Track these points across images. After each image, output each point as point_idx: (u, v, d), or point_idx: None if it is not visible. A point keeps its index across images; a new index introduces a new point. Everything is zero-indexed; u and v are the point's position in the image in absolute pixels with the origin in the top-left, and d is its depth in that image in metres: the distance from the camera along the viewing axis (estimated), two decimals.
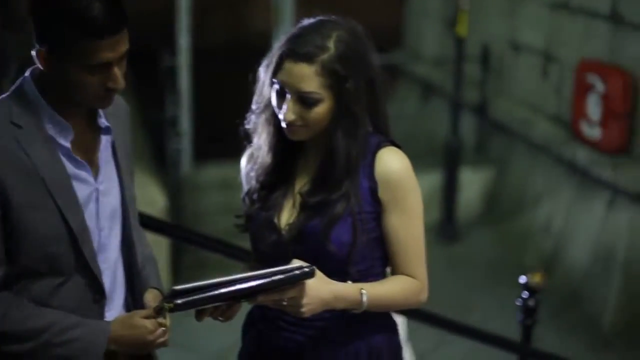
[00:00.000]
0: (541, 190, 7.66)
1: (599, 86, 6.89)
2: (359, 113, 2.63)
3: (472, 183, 8.16)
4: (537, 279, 3.81)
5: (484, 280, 6.86)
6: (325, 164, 2.65)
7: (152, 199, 6.45)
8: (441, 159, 7.90)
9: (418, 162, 8.51)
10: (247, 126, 2.79)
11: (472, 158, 8.36)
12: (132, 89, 7.83)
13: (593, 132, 6.99)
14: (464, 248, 7.70)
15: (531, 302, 3.81)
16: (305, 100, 2.58)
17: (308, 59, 2.56)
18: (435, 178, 7.93)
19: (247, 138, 2.80)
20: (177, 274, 6.70)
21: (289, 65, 2.58)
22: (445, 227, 7.82)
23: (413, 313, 3.84)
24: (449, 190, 7.82)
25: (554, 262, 7.17)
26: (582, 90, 7.08)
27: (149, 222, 3.33)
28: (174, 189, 7.34)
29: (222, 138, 4.12)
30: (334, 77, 2.57)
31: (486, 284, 6.66)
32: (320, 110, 2.59)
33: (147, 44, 6.26)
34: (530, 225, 7.59)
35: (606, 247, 6.70)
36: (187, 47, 7.75)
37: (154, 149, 8.04)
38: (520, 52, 8.24)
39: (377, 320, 2.75)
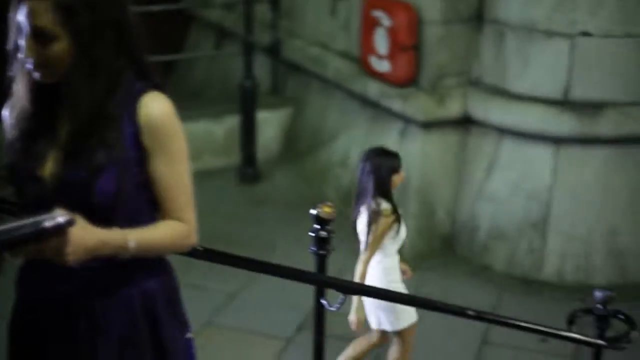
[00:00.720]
0: (337, 126, 7.84)
1: (386, 21, 7.05)
2: (100, 55, 2.56)
3: (270, 124, 8.26)
4: (327, 210, 3.88)
5: (287, 217, 6.98)
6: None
7: None
8: (238, 102, 7.92)
9: (215, 106, 8.52)
10: (9, 73, 2.69)
11: (268, 99, 8.44)
12: None
13: (382, 65, 7.17)
14: (266, 188, 7.81)
15: (323, 233, 3.88)
16: (39, 37, 2.50)
17: None
18: (233, 121, 7.98)
19: (10, 86, 2.71)
20: None
21: (25, 1, 2.50)
22: (246, 169, 7.89)
23: (219, 256, 3.86)
24: (247, 133, 7.87)
25: (353, 193, 7.35)
26: (370, 26, 7.24)
27: None
28: None
29: None
30: (67, 13, 2.49)
31: (290, 221, 6.78)
32: (57, 48, 2.51)
33: None
34: (329, 160, 7.77)
35: None
36: None
37: None
38: None
39: (149, 264, 2.75)
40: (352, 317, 4.68)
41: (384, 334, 4.94)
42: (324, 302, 3.98)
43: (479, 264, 6.60)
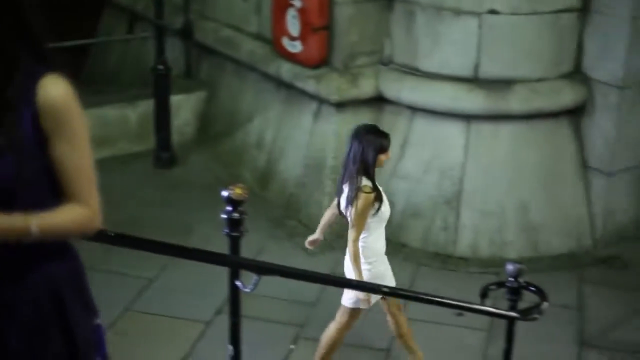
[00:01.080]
0: (251, 108, 7.84)
1: (296, 2, 7.06)
2: None
3: (184, 107, 8.22)
4: (238, 191, 3.87)
5: (204, 200, 6.97)
6: None
7: None
8: (151, 87, 7.86)
9: (129, 91, 8.40)
10: None
11: (182, 83, 8.39)
12: None
13: (294, 47, 7.19)
14: (182, 172, 7.78)
15: (235, 215, 3.88)
16: None
17: None
18: (147, 106, 7.92)
19: None
20: None
21: None
22: (161, 154, 7.84)
23: (136, 242, 3.86)
24: (162, 117, 7.82)
25: (270, 175, 7.40)
26: (281, 7, 7.24)
27: None
28: None
29: None
30: None
31: (205, 205, 6.77)
32: None
33: None
34: (244, 142, 7.77)
35: (316, 155, 6.99)
36: None
37: None
38: None
39: (53, 249, 2.73)
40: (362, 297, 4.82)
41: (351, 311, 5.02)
42: (238, 283, 3.99)
43: (395, 242, 6.65)
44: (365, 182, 4.71)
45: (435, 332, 5.63)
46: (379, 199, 4.74)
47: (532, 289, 4.41)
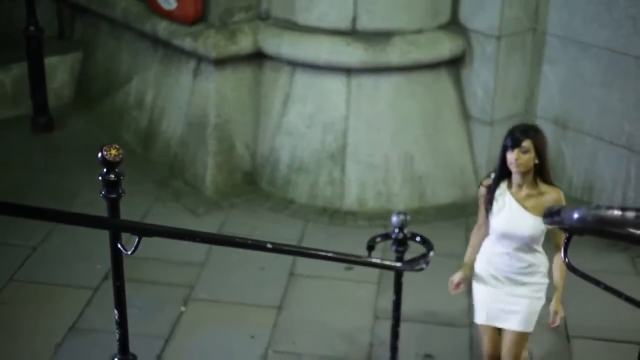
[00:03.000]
0: (129, 68, 7.71)
1: None
2: None
3: (60, 69, 8.04)
4: (113, 152, 3.78)
5: (84, 164, 6.82)
6: None
7: None
8: (24, 49, 7.64)
9: (1, 54, 8.11)
10: None
11: (56, 44, 8.19)
12: None
13: (169, 4, 7.07)
14: (60, 136, 7.62)
15: (112, 176, 3.80)
16: None
17: None
18: (20, 69, 7.71)
19: None
20: None
21: None
22: (38, 118, 7.65)
23: (16, 209, 3.77)
24: (36, 80, 7.61)
25: (152, 135, 7.30)
26: None
27: None
28: None
29: None
30: None
31: (86, 168, 6.61)
32: None
33: None
34: (124, 103, 7.64)
35: (197, 113, 6.92)
36: None
37: None
38: None
39: None
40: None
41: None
42: (119, 246, 3.93)
43: (282, 198, 6.70)
44: (488, 179, 4.54)
45: (325, 286, 5.68)
46: (490, 200, 4.49)
47: (418, 239, 4.49)
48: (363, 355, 5.09)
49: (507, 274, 4.47)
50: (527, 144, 4.27)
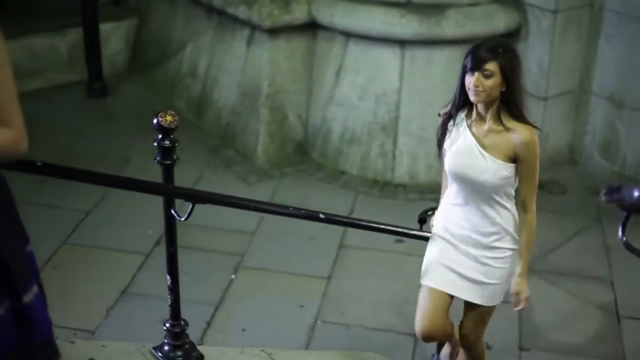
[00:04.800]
0: (183, 36, 7.73)
1: None
2: None
3: (115, 36, 8.08)
4: (169, 118, 3.79)
5: (137, 131, 6.89)
6: None
7: None
8: (79, 15, 7.70)
9: (56, 20, 8.20)
10: None
11: (111, 11, 8.23)
12: None
13: None
14: (114, 102, 7.67)
15: (166, 142, 3.81)
16: None
17: None
18: (76, 36, 7.76)
19: None
20: None
21: None
22: (93, 84, 7.71)
23: (71, 173, 3.81)
24: (92, 47, 7.67)
25: (205, 103, 7.33)
26: None
27: None
28: None
29: None
30: None
31: (139, 135, 6.70)
32: None
33: None
34: (177, 70, 7.67)
35: (250, 82, 6.94)
36: None
37: None
38: None
39: None
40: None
41: None
42: (173, 212, 3.95)
43: (333, 169, 6.70)
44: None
45: (375, 259, 5.69)
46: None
47: None
48: (411, 328, 5.08)
49: (463, 232, 3.73)
50: (491, 66, 3.49)
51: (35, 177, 3.22)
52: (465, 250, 3.76)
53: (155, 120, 3.74)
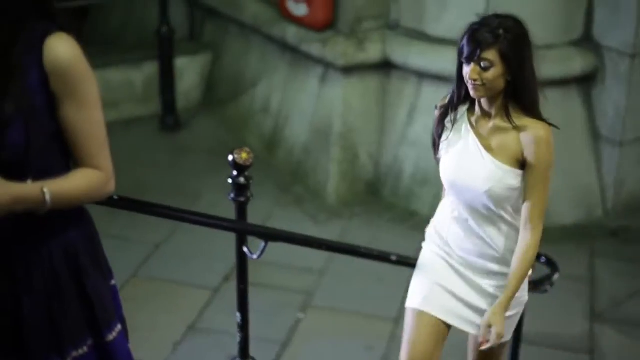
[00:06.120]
0: (256, 71, 7.77)
1: None
2: None
3: (189, 70, 8.15)
4: (244, 155, 3.80)
5: (208, 166, 6.94)
6: None
7: None
8: (155, 50, 7.80)
9: (132, 54, 8.39)
10: None
11: (186, 46, 8.32)
12: None
13: (299, 9, 7.11)
14: (186, 136, 7.72)
15: (241, 180, 3.82)
16: None
17: None
18: (151, 69, 7.85)
19: None
20: None
21: None
22: (166, 118, 7.78)
23: (144, 206, 3.84)
24: (167, 80, 7.76)
25: (276, 140, 7.35)
26: None
27: None
28: None
29: None
30: None
31: (211, 170, 6.74)
32: None
33: None
34: (250, 106, 7.71)
35: (323, 120, 6.94)
36: None
37: None
38: None
39: (69, 214, 2.66)
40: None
41: None
42: (245, 250, 3.95)
43: (404, 210, 6.65)
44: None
45: None
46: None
47: (542, 259, 4.38)
48: None
49: (466, 255, 3.16)
50: (490, 55, 2.97)
51: (106, 209, 3.25)
52: (468, 275, 3.20)
53: (230, 157, 3.76)
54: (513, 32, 3.01)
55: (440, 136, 3.17)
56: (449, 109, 3.17)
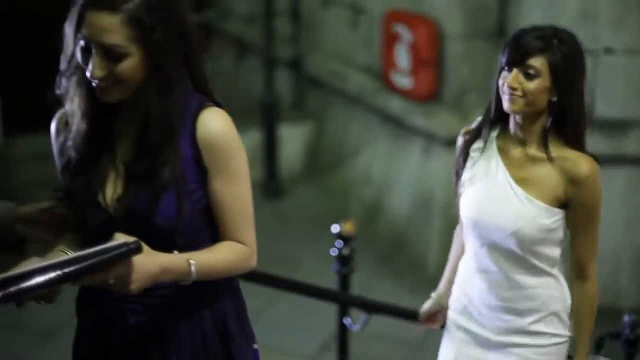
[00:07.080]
0: (359, 141, 7.82)
1: (407, 36, 7.04)
2: (171, 68, 2.45)
3: (292, 139, 8.24)
4: (348, 227, 3.83)
5: (309, 234, 6.97)
6: (144, 127, 2.46)
7: None
8: (259, 117, 7.91)
9: (236, 121, 8.55)
10: (57, 91, 2.54)
11: (290, 114, 8.42)
12: None
13: (403, 81, 7.16)
14: (288, 204, 7.79)
15: (346, 251, 3.84)
16: (110, 54, 2.37)
17: (111, 7, 2.34)
18: (255, 136, 7.96)
19: (58, 104, 2.57)
20: None
21: (90, 16, 2.36)
22: (268, 184, 7.87)
23: (246, 274, 3.87)
24: (270, 148, 7.87)
25: (377, 210, 7.36)
26: (391, 40, 7.23)
27: None
28: None
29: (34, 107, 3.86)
30: (142, 28, 2.37)
31: (312, 238, 6.77)
32: (129, 64, 2.39)
33: None
34: (351, 176, 7.75)
35: (424, 192, 6.93)
36: None
37: None
38: (329, 5, 8.31)
39: (218, 284, 2.67)
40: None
41: None
42: (347, 321, 3.95)
43: None
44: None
45: None
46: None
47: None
48: None
49: (487, 311, 2.78)
50: (537, 62, 2.60)
51: None
52: (496, 339, 2.78)
53: (336, 228, 3.79)
54: (568, 45, 2.69)
55: (463, 166, 2.86)
56: (476, 135, 2.80)
